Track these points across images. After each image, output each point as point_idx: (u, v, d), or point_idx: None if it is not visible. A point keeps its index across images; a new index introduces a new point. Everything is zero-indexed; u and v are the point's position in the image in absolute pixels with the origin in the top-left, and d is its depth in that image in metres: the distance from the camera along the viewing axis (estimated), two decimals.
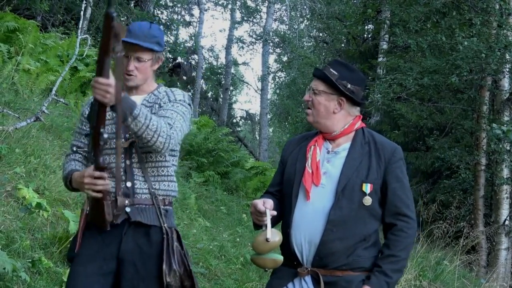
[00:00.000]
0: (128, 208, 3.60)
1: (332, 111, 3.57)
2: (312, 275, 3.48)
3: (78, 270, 3.59)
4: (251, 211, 3.56)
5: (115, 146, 3.42)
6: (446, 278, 9.77)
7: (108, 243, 3.60)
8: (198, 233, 9.42)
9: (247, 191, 15.51)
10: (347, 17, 25.12)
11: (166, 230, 3.64)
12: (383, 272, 3.39)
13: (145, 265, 3.59)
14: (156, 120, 3.45)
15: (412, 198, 3.58)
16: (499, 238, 14.52)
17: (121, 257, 3.60)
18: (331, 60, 3.72)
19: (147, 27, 3.71)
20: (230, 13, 35.00)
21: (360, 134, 3.62)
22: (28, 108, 9.94)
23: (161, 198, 3.70)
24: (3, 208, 6.43)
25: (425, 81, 14.64)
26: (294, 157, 3.69)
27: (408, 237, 3.46)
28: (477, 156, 14.80)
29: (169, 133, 3.51)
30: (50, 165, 8.03)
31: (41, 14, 17.63)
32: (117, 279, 3.62)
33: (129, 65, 3.66)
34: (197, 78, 30.70)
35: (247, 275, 8.31)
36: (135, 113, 3.33)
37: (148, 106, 3.72)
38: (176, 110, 3.69)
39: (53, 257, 6.10)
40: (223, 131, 16.89)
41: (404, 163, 3.59)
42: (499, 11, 13.98)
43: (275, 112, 37.50)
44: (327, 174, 3.52)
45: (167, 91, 3.81)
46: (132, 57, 3.67)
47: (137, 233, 3.62)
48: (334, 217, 3.42)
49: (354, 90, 3.56)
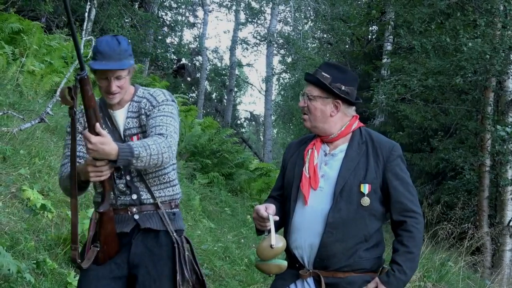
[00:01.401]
0: (136, 216, 3.64)
1: (329, 115, 3.55)
2: (314, 277, 3.48)
3: (89, 274, 3.61)
4: (253, 217, 3.56)
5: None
6: (450, 279, 9.75)
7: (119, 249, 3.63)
8: (203, 234, 9.42)
9: (251, 192, 15.51)
10: (351, 18, 25.15)
11: (176, 239, 3.67)
12: (403, 271, 3.38)
13: (156, 266, 3.61)
14: (153, 143, 3.45)
15: (415, 193, 3.56)
16: (503, 239, 14.51)
17: (132, 261, 3.62)
18: (322, 63, 3.67)
19: (116, 44, 3.58)
20: (234, 14, 35.02)
21: (358, 134, 3.60)
22: (33, 110, 9.96)
23: (167, 203, 3.73)
24: (7, 209, 6.44)
25: (429, 82, 14.64)
26: (293, 161, 3.69)
27: (419, 233, 3.44)
28: (482, 157, 14.79)
29: (168, 144, 3.52)
30: (55, 166, 8.04)
31: (46, 16, 17.64)
32: (129, 284, 3.65)
33: (111, 87, 3.58)
34: (201, 80, 30.73)
35: (251, 277, 8.31)
36: (135, 153, 3.36)
37: (134, 117, 3.71)
38: (164, 114, 3.67)
39: (58, 258, 6.11)
40: (228, 132, 16.90)
41: (403, 160, 3.56)
42: (503, 12, 13.97)
43: (280, 114, 37.53)
44: (325, 177, 3.52)
45: (147, 97, 3.75)
46: (112, 78, 3.57)
47: (146, 237, 3.66)
48: (332, 220, 3.42)
49: (349, 91, 3.54)
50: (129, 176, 3.67)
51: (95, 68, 3.52)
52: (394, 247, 3.47)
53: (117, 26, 19.59)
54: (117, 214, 3.63)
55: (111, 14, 19.64)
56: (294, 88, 32.13)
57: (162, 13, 30.99)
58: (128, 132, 3.68)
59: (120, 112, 3.71)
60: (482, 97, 15.13)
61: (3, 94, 10.11)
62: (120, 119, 3.71)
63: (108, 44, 3.56)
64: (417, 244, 3.43)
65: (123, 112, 3.71)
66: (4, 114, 8.73)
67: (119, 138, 3.67)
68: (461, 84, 14.46)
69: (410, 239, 3.42)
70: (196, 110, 18.77)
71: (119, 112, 3.71)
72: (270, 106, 31.17)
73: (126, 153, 3.33)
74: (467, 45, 13.25)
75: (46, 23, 17.21)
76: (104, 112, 3.71)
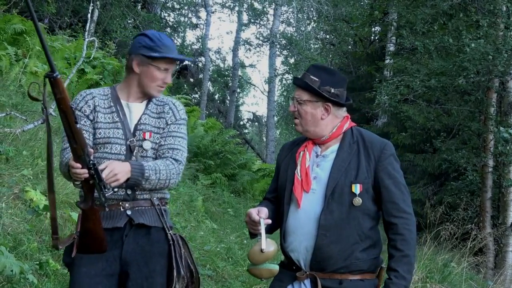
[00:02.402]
0: (129, 211, 3.64)
1: (320, 118, 3.53)
2: (311, 279, 3.48)
3: (81, 271, 3.60)
4: (245, 221, 3.57)
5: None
6: (453, 280, 9.74)
7: (111, 246, 3.60)
8: (205, 235, 9.43)
9: (254, 193, 15.52)
10: (354, 19, 25.14)
11: (172, 237, 3.70)
12: (402, 276, 3.37)
13: (147, 263, 3.62)
14: (165, 168, 3.58)
15: (408, 193, 3.53)
16: (506, 240, 14.50)
17: (124, 258, 3.62)
18: (309, 66, 3.65)
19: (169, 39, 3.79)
20: (237, 15, 35.02)
21: (349, 134, 3.58)
22: (36, 111, 9.96)
23: (159, 199, 3.75)
24: (10, 210, 6.45)
25: (432, 83, 14.64)
26: (286, 163, 3.69)
27: (411, 234, 3.42)
28: (484, 158, 14.78)
29: (178, 171, 3.67)
30: (58, 167, 8.02)
31: (48, 17, 17.65)
32: (121, 281, 3.65)
33: (169, 78, 3.77)
34: (204, 80, 30.72)
35: (254, 278, 8.30)
36: (146, 175, 3.49)
37: (153, 117, 3.76)
38: (181, 136, 3.78)
39: (61, 259, 6.10)
40: (230, 133, 16.93)
41: (396, 159, 3.54)
42: (506, 13, 13.96)
43: (282, 114, 37.50)
44: (317, 179, 3.51)
45: (171, 106, 3.83)
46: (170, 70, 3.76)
47: (138, 234, 3.66)
48: (325, 222, 3.41)
49: (338, 93, 3.52)
50: None
51: (171, 56, 3.70)
52: (389, 253, 3.46)
53: (120, 27, 19.61)
54: (109, 209, 3.58)
55: (114, 15, 19.65)
56: None
57: (164, 14, 31.05)
58: (142, 127, 3.70)
59: (136, 105, 3.75)
60: (485, 98, 15.12)
61: (6, 95, 10.12)
62: (135, 112, 3.74)
63: (168, 39, 3.75)
64: (410, 246, 3.41)
65: (141, 107, 3.76)
66: (7, 115, 8.74)
67: (129, 130, 3.69)
68: (464, 85, 14.45)
69: (403, 242, 3.40)
70: (198, 111, 18.77)
71: (136, 105, 3.75)
72: (272, 107, 31.20)
73: (137, 173, 3.47)
74: (469, 46, 13.24)
75: (49, 24, 17.22)
76: (117, 101, 3.76)
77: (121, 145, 3.66)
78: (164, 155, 3.67)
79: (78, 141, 3.29)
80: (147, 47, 3.65)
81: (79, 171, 3.33)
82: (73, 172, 3.35)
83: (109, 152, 3.64)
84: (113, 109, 3.72)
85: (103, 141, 3.67)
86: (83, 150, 3.30)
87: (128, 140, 3.66)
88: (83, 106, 3.73)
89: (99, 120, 3.70)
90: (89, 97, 3.75)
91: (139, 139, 3.68)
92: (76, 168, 3.33)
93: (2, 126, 8.38)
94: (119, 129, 3.68)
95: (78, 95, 3.81)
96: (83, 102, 3.74)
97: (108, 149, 3.64)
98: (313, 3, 27.31)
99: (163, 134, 3.72)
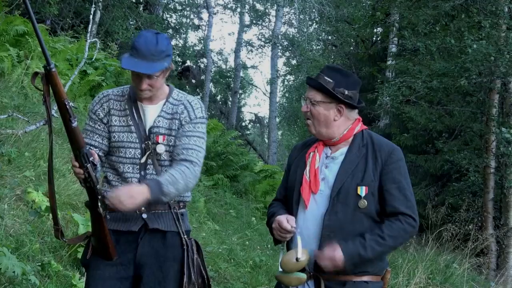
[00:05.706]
0: (144, 215, 3.61)
1: (333, 119, 3.50)
2: (315, 280, 3.46)
3: (95, 274, 3.60)
4: (273, 227, 3.52)
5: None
6: (455, 281, 9.74)
7: (125, 249, 3.61)
8: (207, 237, 9.44)
9: (256, 194, 15.53)
10: (356, 20, 25.10)
11: (186, 241, 3.66)
12: (363, 244, 3.30)
13: (161, 267, 3.60)
14: (180, 175, 3.51)
15: (413, 199, 3.47)
16: (508, 241, 14.49)
17: (138, 261, 3.61)
18: (324, 66, 3.61)
19: (153, 43, 3.47)
20: (239, 16, 35.07)
21: (359, 137, 3.56)
22: (38, 112, 9.97)
23: (177, 203, 3.70)
24: (12, 211, 6.46)
25: (434, 84, 14.62)
26: (296, 163, 3.67)
27: (402, 229, 3.36)
28: (486, 159, 14.76)
29: (195, 174, 3.60)
30: (60, 168, 8.05)
31: (51, 18, 17.68)
32: (135, 284, 3.64)
33: (141, 84, 3.52)
34: (206, 82, 30.74)
35: (256, 279, 8.32)
36: (165, 191, 3.44)
37: (167, 118, 3.66)
38: (198, 135, 3.67)
39: (63, 260, 6.12)
40: (232, 134, 16.96)
41: (403, 165, 3.50)
42: (508, 13, 13.96)
43: (284, 116, 37.55)
44: (325, 180, 3.49)
45: (185, 104, 3.70)
46: (143, 76, 3.50)
47: (153, 237, 3.64)
48: (329, 223, 3.39)
49: (352, 95, 3.49)
50: (143, 172, 3.64)
51: (124, 67, 3.46)
52: (371, 230, 3.40)
53: (122, 28, 19.62)
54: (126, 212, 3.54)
55: (116, 17, 19.65)
56: (298, 90, 32.10)
57: (166, 15, 31.08)
58: (155, 130, 3.62)
59: (151, 108, 3.66)
60: (487, 99, 15.12)
61: (8, 96, 10.13)
62: (149, 115, 3.66)
63: (145, 42, 3.47)
64: (394, 236, 3.35)
65: (155, 110, 3.66)
66: (9, 116, 8.76)
67: (143, 133, 3.63)
68: (466, 86, 14.43)
69: (389, 227, 3.35)
70: None
71: (150, 108, 3.66)
72: (274, 108, 31.21)
73: (156, 193, 3.41)
74: (471, 47, 13.22)
75: (51, 26, 17.24)
76: (133, 103, 3.68)
77: (136, 149, 3.62)
78: (179, 157, 3.59)
79: (74, 140, 3.29)
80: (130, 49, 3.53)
81: (77, 170, 3.35)
82: (73, 170, 3.38)
83: (123, 156, 3.62)
84: (127, 112, 3.65)
85: (117, 145, 3.64)
86: (79, 150, 3.30)
87: (143, 144, 3.62)
88: (97, 109, 3.70)
89: (113, 124, 3.66)
90: (105, 99, 3.71)
91: (154, 143, 3.62)
92: (74, 167, 3.35)
93: (4, 127, 8.40)
94: (133, 133, 3.63)
95: (96, 96, 3.78)
96: (98, 105, 3.70)
97: (123, 153, 3.62)
98: (315, 4, 27.30)
99: (178, 135, 3.63)
